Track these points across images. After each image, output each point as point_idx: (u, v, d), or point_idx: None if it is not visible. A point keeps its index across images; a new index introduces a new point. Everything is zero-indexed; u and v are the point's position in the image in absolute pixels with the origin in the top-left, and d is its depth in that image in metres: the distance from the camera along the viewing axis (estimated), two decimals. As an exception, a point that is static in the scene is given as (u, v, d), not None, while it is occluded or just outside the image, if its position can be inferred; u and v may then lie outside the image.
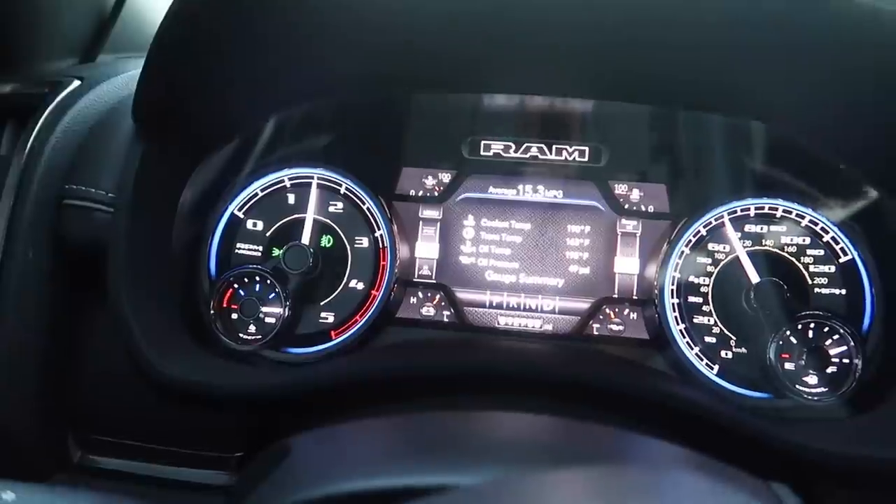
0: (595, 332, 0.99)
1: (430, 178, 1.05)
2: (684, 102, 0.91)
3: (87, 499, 0.53)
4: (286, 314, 0.96)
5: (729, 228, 0.96)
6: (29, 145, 0.89)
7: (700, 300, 0.96)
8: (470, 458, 0.55)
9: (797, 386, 0.90)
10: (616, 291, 1.00)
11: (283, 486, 0.55)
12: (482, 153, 1.04)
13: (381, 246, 1.01)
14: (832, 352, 0.90)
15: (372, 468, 0.54)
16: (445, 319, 1.02)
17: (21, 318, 0.85)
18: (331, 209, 1.02)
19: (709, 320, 0.95)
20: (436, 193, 1.04)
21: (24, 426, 0.88)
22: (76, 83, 0.97)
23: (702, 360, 0.94)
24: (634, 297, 0.99)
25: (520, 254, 1.02)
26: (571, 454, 0.60)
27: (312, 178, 1.02)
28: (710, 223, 0.97)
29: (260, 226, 1.02)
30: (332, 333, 1.00)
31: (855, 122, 0.86)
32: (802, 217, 0.95)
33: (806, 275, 0.94)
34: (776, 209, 0.96)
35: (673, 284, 0.96)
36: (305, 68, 0.90)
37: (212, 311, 0.97)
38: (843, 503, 0.79)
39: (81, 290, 0.89)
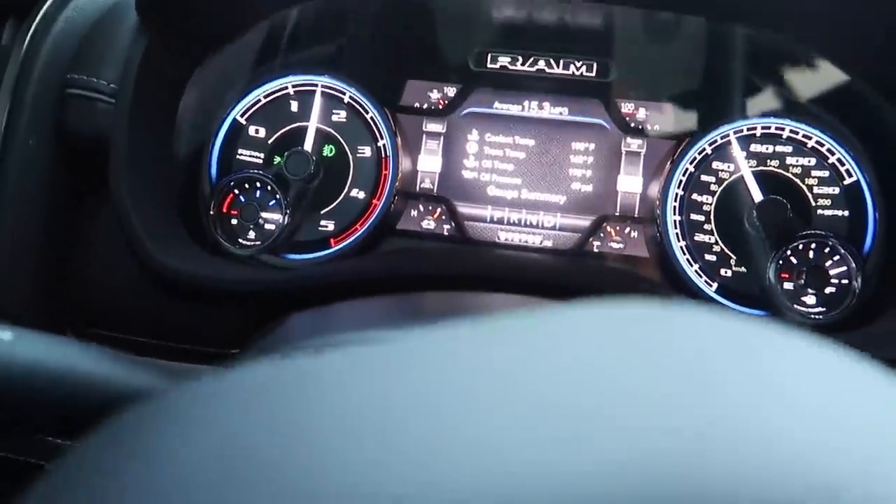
0: (595, 249, 0.99)
1: (434, 91, 1.04)
2: (696, 9, 0.89)
3: (88, 351, 0.53)
4: (286, 221, 0.96)
5: (735, 147, 0.95)
6: (30, 34, 0.88)
7: (702, 218, 0.96)
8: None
9: (796, 305, 0.90)
10: (618, 209, 0.99)
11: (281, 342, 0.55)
12: (488, 65, 1.03)
13: (383, 156, 1.00)
14: (832, 272, 0.90)
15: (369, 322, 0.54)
16: (446, 233, 1.02)
17: (22, 206, 0.85)
18: (334, 118, 1.01)
19: (710, 238, 0.95)
20: (440, 107, 1.03)
21: (22, 317, 0.89)
22: (79, -25, 0.96)
23: (701, 276, 0.94)
24: (636, 216, 0.99)
25: (522, 170, 1.02)
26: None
27: (316, 85, 1.01)
28: (716, 142, 0.96)
29: (262, 132, 1.02)
30: (332, 241, 1.00)
31: (872, 38, 0.84)
32: (809, 138, 0.94)
33: (809, 195, 0.94)
34: (783, 129, 0.95)
35: (675, 202, 0.96)
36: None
37: (211, 214, 0.97)
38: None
39: (83, 180, 0.89)
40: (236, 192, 0.98)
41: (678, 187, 0.96)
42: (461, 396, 0.23)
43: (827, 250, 0.90)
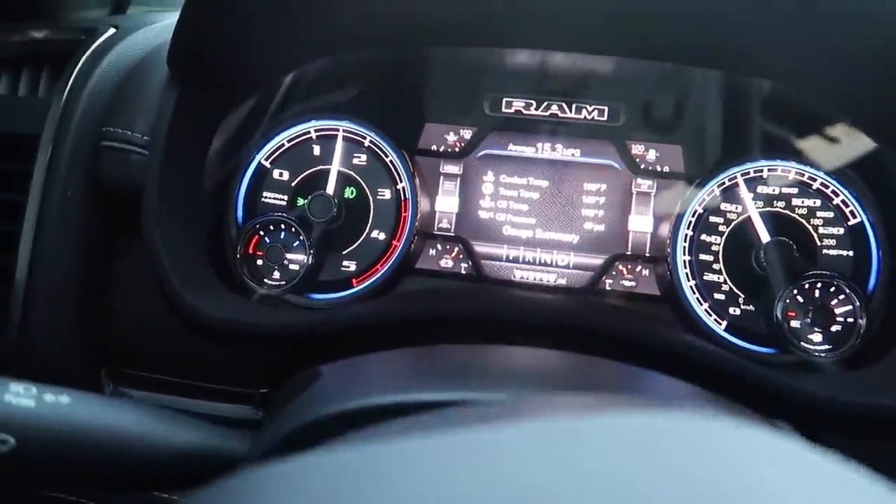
0: (608, 288, 1.03)
1: (451, 133, 1.08)
2: (704, 61, 0.93)
3: (134, 408, 0.57)
4: (309, 261, 1.00)
5: (742, 189, 0.98)
6: (68, 88, 0.92)
7: (711, 258, 0.99)
8: (488, 380, 0.59)
9: (802, 343, 0.93)
10: (629, 248, 1.03)
11: (310, 404, 0.59)
12: (503, 110, 1.07)
13: (402, 198, 1.04)
14: (837, 311, 0.93)
15: (394, 386, 0.57)
16: (463, 271, 1.05)
17: (59, 254, 0.89)
18: (355, 161, 1.05)
19: (719, 278, 0.98)
20: (457, 149, 1.07)
21: (60, 359, 0.93)
22: (112, 30, 1.00)
23: (711, 315, 0.97)
24: (647, 255, 1.02)
25: (537, 210, 1.05)
26: (583, 382, 0.64)
27: (338, 130, 1.05)
28: (724, 183, 0.99)
29: (286, 176, 1.06)
30: (354, 281, 1.03)
31: (878, 94, 0.88)
32: (814, 179, 0.98)
33: (815, 236, 0.97)
34: (788, 171, 0.99)
35: (685, 242, 0.99)
36: (328, 22, 0.93)
37: (238, 256, 1.01)
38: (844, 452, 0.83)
39: (116, 229, 0.93)
40: (262, 233, 1.02)
41: (688, 228, 0.99)
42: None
43: (832, 289, 0.93)
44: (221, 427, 0.61)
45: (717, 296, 0.98)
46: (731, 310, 0.98)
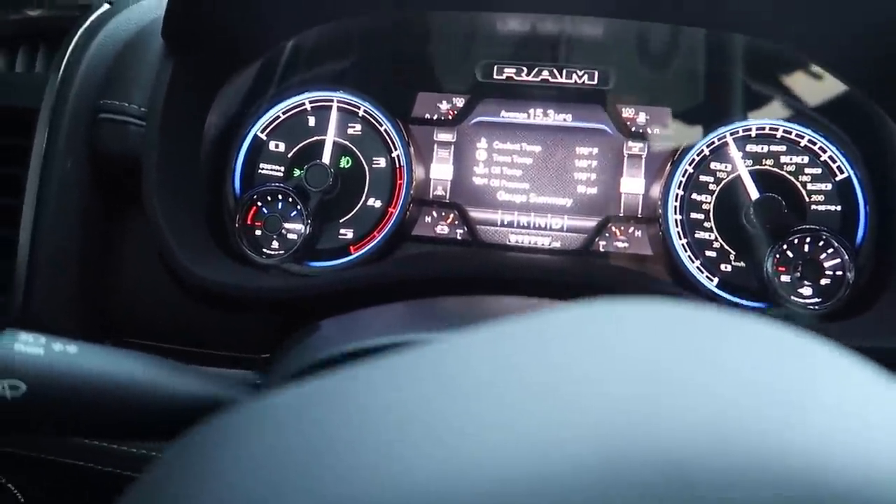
0: (601, 249, 1.04)
1: (444, 102, 1.09)
2: (694, 20, 0.94)
3: (141, 357, 0.59)
4: (307, 230, 1.02)
5: (732, 148, 1.00)
6: (64, 63, 0.93)
7: (702, 216, 1.01)
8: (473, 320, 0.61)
9: (792, 297, 0.95)
10: (622, 210, 1.04)
11: (311, 350, 0.61)
12: (495, 76, 1.08)
13: (397, 166, 1.06)
14: (826, 264, 0.95)
15: (390, 330, 0.59)
16: (459, 237, 1.07)
17: (60, 224, 0.90)
18: (349, 131, 1.07)
19: (710, 235, 1.00)
20: (450, 117, 1.09)
21: (63, 330, 0.94)
22: (106, 6, 1.01)
23: (703, 272, 0.99)
24: (639, 216, 1.04)
25: (530, 175, 1.07)
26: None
27: (332, 101, 1.07)
28: (714, 143, 1.01)
29: (282, 147, 1.07)
30: (351, 248, 1.05)
31: (862, 45, 0.89)
32: (801, 137, 0.99)
33: (804, 192, 0.99)
34: (776, 129, 1.00)
35: (676, 202, 1.01)
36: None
37: (237, 227, 1.03)
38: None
39: (115, 198, 0.95)
40: (259, 204, 1.04)
41: (678, 188, 1.01)
42: (484, 395, 0.28)
43: (821, 243, 0.95)
44: (227, 378, 0.63)
45: (709, 253, 1.00)
46: (722, 266, 0.99)
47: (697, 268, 0.99)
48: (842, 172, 0.98)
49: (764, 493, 0.22)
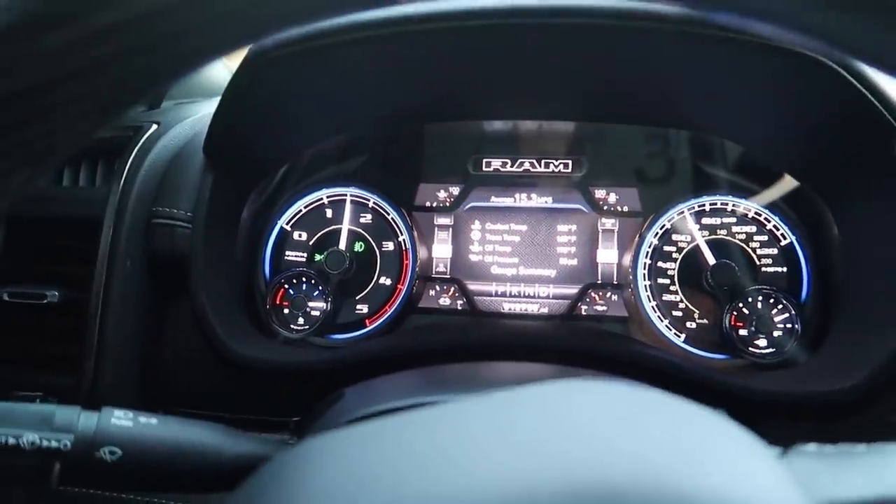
0: (583, 313, 1.20)
1: (442, 191, 1.27)
2: (647, 121, 1.12)
3: (204, 425, 0.74)
4: (328, 307, 1.18)
5: (689, 221, 1.17)
6: (123, 177, 1.11)
7: (668, 281, 1.16)
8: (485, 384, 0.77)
9: (750, 348, 1.10)
10: (599, 278, 1.20)
11: (339, 413, 0.76)
12: (484, 169, 1.26)
13: (404, 249, 1.23)
14: (777, 319, 1.10)
15: (404, 393, 0.74)
16: (459, 307, 1.23)
17: (123, 313, 1.07)
18: (362, 220, 1.24)
19: (675, 297, 1.16)
20: (447, 204, 1.26)
21: (125, 402, 1.10)
22: (154, 126, 1.20)
23: (671, 329, 1.14)
24: (614, 282, 1.20)
25: (519, 250, 1.23)
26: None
27: (346, 195, 1.25)
28: (674, 217, 1.18)
29: (304, 236, 1.25)
30: (367, 322, 1.21)
31: (795, 140, 1.06)
32: (749, 210, 1.16)
33: (754, 256, 1.15)
34: (727, 204, 1.17)
35: (645, 269, 1.17)
36: (340, 111, 1.13)
37: (268, 307, 1.20)
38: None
39: (166, 290, 1.12)
40: (286, 286, 1.21)
41: (646, 257, 1.17)
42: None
43: (771, 301, 1.10)
44: (268, 440, 0.78)
45: (676, 313, 1.15)
46: (688, 324, 1.15)
47: (666, 326, 1.14)
48: (785, 238, 1.14)
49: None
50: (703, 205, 1.17)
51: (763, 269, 1.14)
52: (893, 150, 0.89)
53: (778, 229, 1.14)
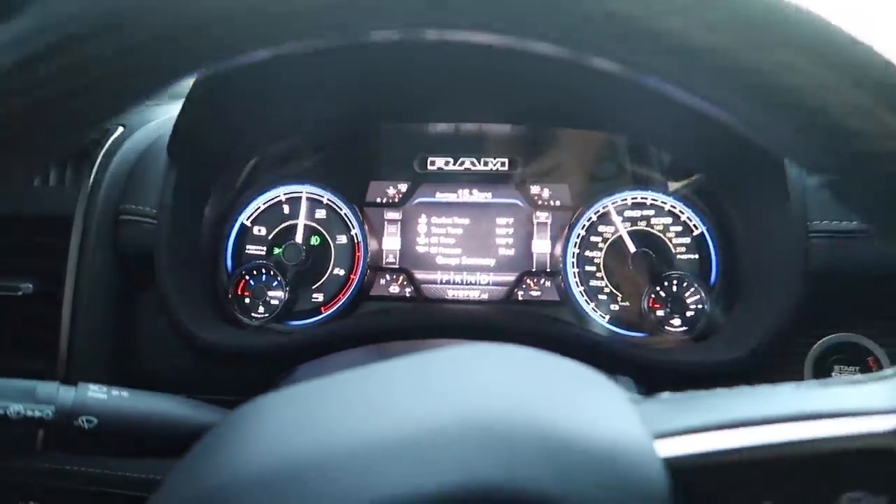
0: (520, 298, 1.32)
1: (391, 188, 1.37)
2: (570, 124, 1.25)
3: (172, 398, 0.84)
4: (286, 296, 1.28)
5: (613, 214, 1.29)
6: (92, 177, 1.18)
7: (594, 269, 1.29)
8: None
9: (665, 326, 1.23)
10: (534, 266, 1.32)
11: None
12: (429, 167, 1.37)
13: (356, 242, 1.33)
14: (689, 301, 1.23)
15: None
16: (407, 294, 1.34)
17: (93, 304, 1.15)
18: (317, 215, 1.34)
19: (601, 283, 1.28)
20: (396, 200, 1.37)
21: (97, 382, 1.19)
22: (120, 129, 1.27)
23: (597, 311, 1.27)
24: (547, 270, 1.32)
25: (461, 242, 1.35)
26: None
27: (302, 192, 1.34)
28: (599, 211, 1.30)
29: (263, 231, 1.34)
30: (322, 309, 1.31)
31: (705, 149, 1.19)
32: (665, 203, 1.29)
33: (670, 245, 1.27)
34: (646, 198, 1.30)
35: (573, 258, 1.29)
36: (295, 114, 1.23)
37: (230, 296, 1.29)
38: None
39: (135, 282, 1.21)
40: (247, 277, 1.30)
41: (575, 247, 1.30)
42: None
43: (685, 284, 1.24)
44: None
45: (601, 297, 1.28)
46: (612, 306, 1.27)
47: (592, 309, 1.27)
48: (697, 229, 1.27)
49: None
50: (626, 199, 1.30)
51: (678, 256, 1.27)
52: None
53: (691, 221, 1.28)
